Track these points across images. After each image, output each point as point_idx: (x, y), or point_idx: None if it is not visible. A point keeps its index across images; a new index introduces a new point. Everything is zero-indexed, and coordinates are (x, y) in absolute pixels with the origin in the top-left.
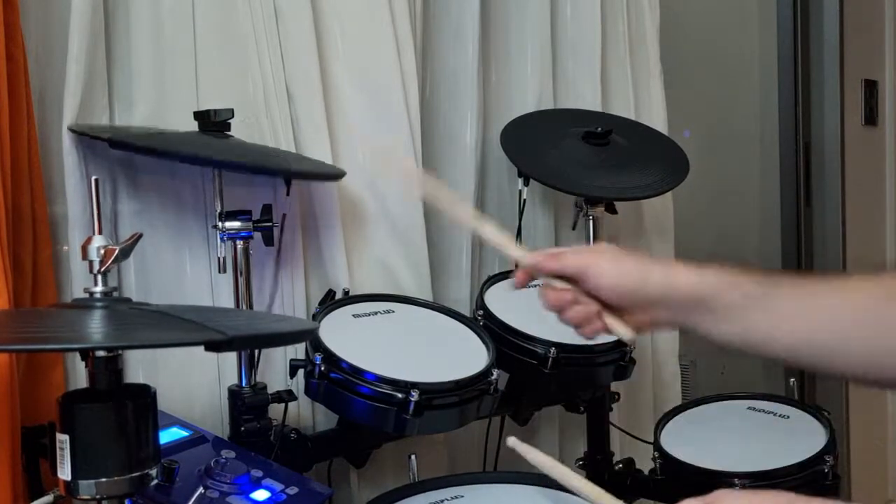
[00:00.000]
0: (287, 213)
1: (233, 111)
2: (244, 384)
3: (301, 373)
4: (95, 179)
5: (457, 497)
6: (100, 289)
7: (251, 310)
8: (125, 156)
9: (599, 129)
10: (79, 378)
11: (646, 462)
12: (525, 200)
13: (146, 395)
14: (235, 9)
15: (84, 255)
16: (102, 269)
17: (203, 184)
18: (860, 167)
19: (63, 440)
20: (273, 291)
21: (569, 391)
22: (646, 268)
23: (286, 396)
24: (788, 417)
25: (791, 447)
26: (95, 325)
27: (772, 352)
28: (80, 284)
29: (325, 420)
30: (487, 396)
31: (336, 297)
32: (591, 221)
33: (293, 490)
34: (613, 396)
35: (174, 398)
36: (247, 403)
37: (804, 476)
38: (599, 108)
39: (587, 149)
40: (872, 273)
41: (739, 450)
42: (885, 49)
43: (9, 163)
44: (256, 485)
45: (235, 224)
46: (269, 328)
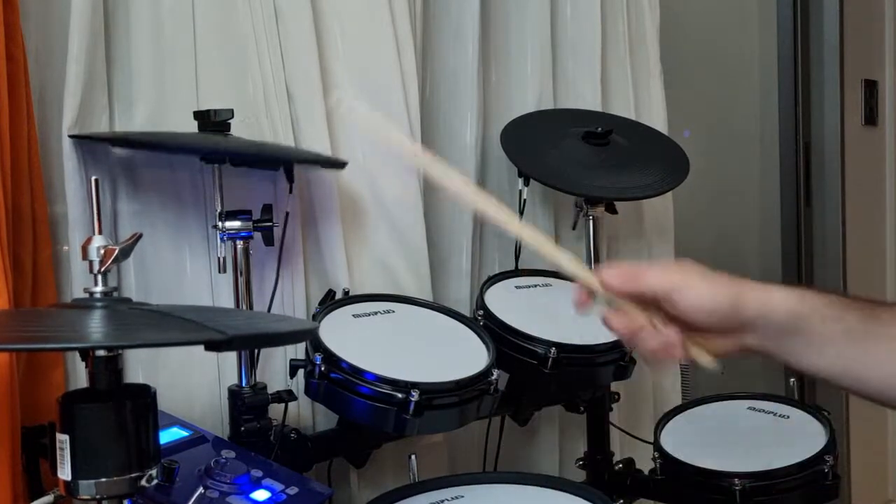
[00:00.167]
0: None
1: (233, 111)
2: (244, 384)
3: (301, 373)
4: (95, 179)
5: (457, 497)
6: (100, 289)
7: (251, 310)
8: (125, 156)
9: (599, 129)
10: (79, 378)
11: (646, 462)
12: (525, 200)
13: (146, 395)
14: (235, 9)
15: (84, 255)
16: (102, 269)
17: (203, 183)
18: (860, 167)
19: (63, 440)
20: (273, 291)
21: (569, 391)
22: (740, 287)
23: (286, 396)
24: (788, 417)
25: (791, 447)
26: (95, 325)
27: (863, 392)
28: (80, 284)
29: (325, 420)
30: (487, 396)
31: (336, 297)
32: (591, 221)
33: (293, 490)
34: (613, 396)
35: (174, 398)
36: (247, 403)
37: (804, 476)
38: (599, 108)
39: (587, 149)
40: None
41: (739, 450)
42: (885, 49)
43: (9, 163)
44: (256, 485)
45: (235, 224)
46: (269, 328)
